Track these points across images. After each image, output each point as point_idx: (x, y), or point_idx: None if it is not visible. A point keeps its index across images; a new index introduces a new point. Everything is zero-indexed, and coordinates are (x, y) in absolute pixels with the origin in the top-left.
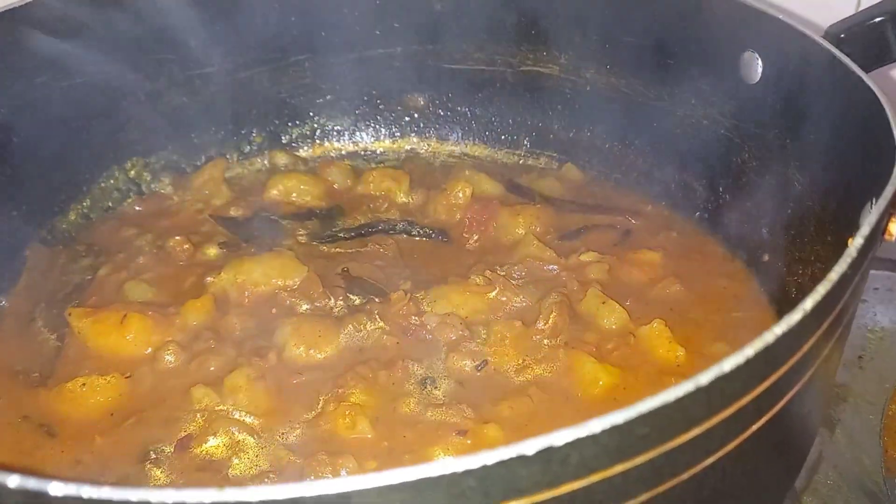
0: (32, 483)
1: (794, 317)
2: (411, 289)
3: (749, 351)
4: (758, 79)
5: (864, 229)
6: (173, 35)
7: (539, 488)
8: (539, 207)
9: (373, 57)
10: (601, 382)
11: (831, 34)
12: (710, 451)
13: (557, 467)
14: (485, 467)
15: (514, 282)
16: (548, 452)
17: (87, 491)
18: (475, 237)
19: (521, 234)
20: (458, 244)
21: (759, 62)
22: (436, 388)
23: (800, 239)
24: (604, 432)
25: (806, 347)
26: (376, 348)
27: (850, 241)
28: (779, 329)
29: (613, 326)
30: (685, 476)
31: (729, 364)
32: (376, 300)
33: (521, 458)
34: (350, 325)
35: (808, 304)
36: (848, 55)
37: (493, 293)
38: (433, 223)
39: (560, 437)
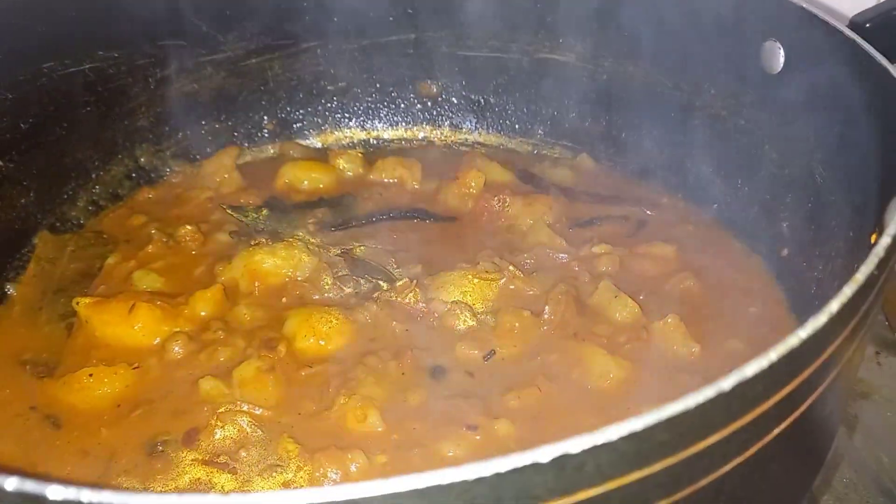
0: (31, 486)
1: (820, 319)
2: (421, 274)
3: (773, 355)
4: (779, 69)
5: (892, 227)
6: (183, 20)
7: (553, 495)
8: (551, 197)
9: (386, 43)
10: (612, 375)
11: (856, 23)
12: (730, 457)
13: (573, 474)
14: (498, 475)
15: (523, 270)
16: (563, 460)
17: (87, 495)
18: (486, 225)
19: (532, 223)
20: (468, 232)
21: (781, 52)
22: (445, 377)
23: (820, 234)
24: (622, 439)
25: (830, 350)
26: (386, 337)
27: (872, 237)
28: (804, 332)
29: (626, 320)
30: (703, 483)
31: (752, 368)
32: (383, 286)
33: (536, 466)
34: (360, 315)
35: (835, 306)
36: (874, 45)
37: (502, 280)
38: (445, 211)
39: (576, 445)
